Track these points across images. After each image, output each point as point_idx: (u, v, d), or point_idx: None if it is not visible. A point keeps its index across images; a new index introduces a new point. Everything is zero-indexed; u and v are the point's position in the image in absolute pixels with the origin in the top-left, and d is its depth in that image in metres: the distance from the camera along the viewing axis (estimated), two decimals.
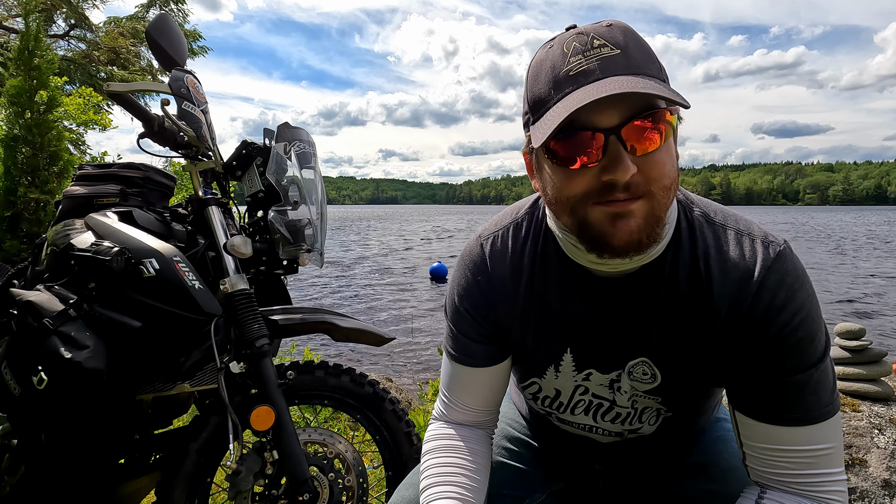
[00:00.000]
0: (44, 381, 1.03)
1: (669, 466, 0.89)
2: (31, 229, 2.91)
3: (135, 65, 10.11)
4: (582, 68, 0.59)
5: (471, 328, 0.82)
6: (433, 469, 0.81)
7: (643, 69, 0.59)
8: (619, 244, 0.62)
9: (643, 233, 0.62)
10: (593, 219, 0.63)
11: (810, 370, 0.63)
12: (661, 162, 0.61)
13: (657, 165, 0.60)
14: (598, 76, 0.58)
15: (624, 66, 0.59)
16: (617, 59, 0.59)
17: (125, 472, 1.32)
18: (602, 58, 0.59)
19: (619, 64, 0.59)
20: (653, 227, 0.63)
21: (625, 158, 0.58)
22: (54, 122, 3.06)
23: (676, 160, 0.65)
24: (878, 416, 1.66)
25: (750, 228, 0.70)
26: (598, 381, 0.80)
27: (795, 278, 0.65)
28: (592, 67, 0.59)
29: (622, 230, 0.61)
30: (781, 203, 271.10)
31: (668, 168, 0.62)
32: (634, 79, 0.57)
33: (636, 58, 0.60)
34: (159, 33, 1.30)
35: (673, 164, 0.63)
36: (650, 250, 0.66)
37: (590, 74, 0.58)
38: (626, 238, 0.62)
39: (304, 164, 1.36)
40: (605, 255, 0.65)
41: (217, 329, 1.17)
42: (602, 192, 0.61)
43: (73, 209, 1.34)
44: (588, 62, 0.59)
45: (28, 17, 3.15)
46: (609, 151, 0.59)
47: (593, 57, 0.59)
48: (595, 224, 0.63)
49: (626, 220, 0.61)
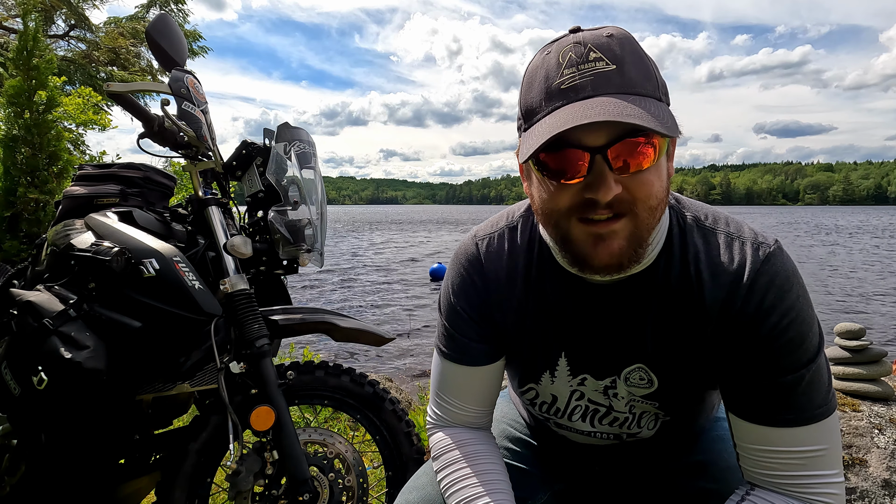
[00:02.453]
0: (44, 382, 1.03)
1: (669, 466, 0.89)
2: (31, 229, 2.90)
3: (135, 65, 10.10)
4: (574, 83, 0.59)
5: (466, 326, 0.82)
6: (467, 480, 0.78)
7: (637, 88, 0.59)
8: (600, 265, 0.64)
9: (624, 255, 0.63)
10: (575, 236, 0.64)
11: (801, 371, 0.63)
12: (648, 182, 0.61)
13: (643, 186, 0.60)
14: (588, 93, 0.58)
15: (617, 85, 0.58)
16: (610, 75, 0.58)
17: (125, 472, 1.32)
18: (595, 73, 0.58)
19: (611, 82, 0.58)
20: (635, 248, 0.63)
21: (608, 178, 0.59)
22: (53, 123, 3.05)
23: (668, 178, 0.64)
24: (878, 416, 1.66)
25: (740, 231, 0.70)
26: (593, 386, 0.80)
27: (785, 279, 0.65)
28: (584, 84, 0.58)
29: (603, 252, 0.62)
30: (781, 203, 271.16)
31: (656, 188, 0.61)
32: (623, 103, 0.57)
33: (631, 75, 0.59)
34: (159, 33, 1.30)
35: (661, 184, 0.62)
36: (631, 270, 0.67)
37: (580, 91, 0.58)
38: (605, 260, 0.63)
39: (304, 164, 1.36)
40: (586, 272, 0.66)
41: (217, 329, 1.17)
42: (584, 209, 0.61)
43: (73, 209, 1.34)
44: (581, 77, 0.59)
45: (26, 17, 3.15)
46: (594, 170, 0.59)
47: (587, 72, 0.59)
48: (577, 242, 0.64)
49: (607, 243, 0.62)
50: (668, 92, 0.63)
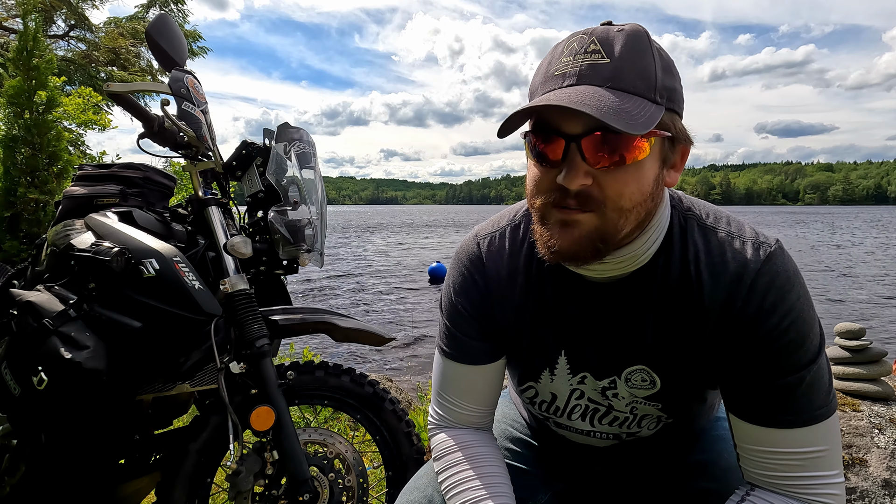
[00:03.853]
0: (44, 382, 1.03)
1: (670, 466, 0.89)
2: (31, 229, 2.90)
3: (135, 65, 10.10)
4: (565, 70, 0.60)
5: (467, 325, 0.82)
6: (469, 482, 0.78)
7: (624, 83, 0.58)
8: (562, 250, 0.64)
9: (583, 247, 0.63)
10: (549, 219, 0.65)
11: (802, 372, 0.63)
12: (622, 181, 0.60)
13: (615, 184, 0.60)
14: (572, 82, 0.59)
15: (604, 78, 0.58)
16: (600, 68, 0.58)
17: (125, 472, 1.31)
18: (587, 64, 0.59)
19: (599, 75, 0.58)
20: (595, 243, 0.63)
21: (578, 168, 0.59)
22: (53, 123, 3.05)
23: (655, 184, 0.63)
24: (878, 416, 1.66)
25: (741, 230, 0.69)
26: (592, 386, 0.80)
27: (786, 280, 0.65)
28: (573, 72, 0.59)
29: (564, 238, 0.63)
30: (781, 203, 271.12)
31: (630, 189, 0.61)
32: (600, 94, 0.56)
33: (624, 71, 0.58)
34: (159, 33, 1.30)
35: (640, 187, 0.61)
36: (589, 264, 0.67)
37: (566, 79, 0.59)
38: (566, 246, 0.63)
39: (303, 165, 1.36)
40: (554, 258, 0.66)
41: (217, 329, 1.17)
42: (556, 195, 0.62)
43: (73, 209, 1.34)
44: (574, 66, 0.59)
45: (26, 18, 3.15)
46: (567, 157, 0.60)
47: (581, 62, 0.59)
48: (547, 224, 0.65)
49: (569, 229, 0.63)
50: (673, 97, 0.61)
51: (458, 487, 0.77)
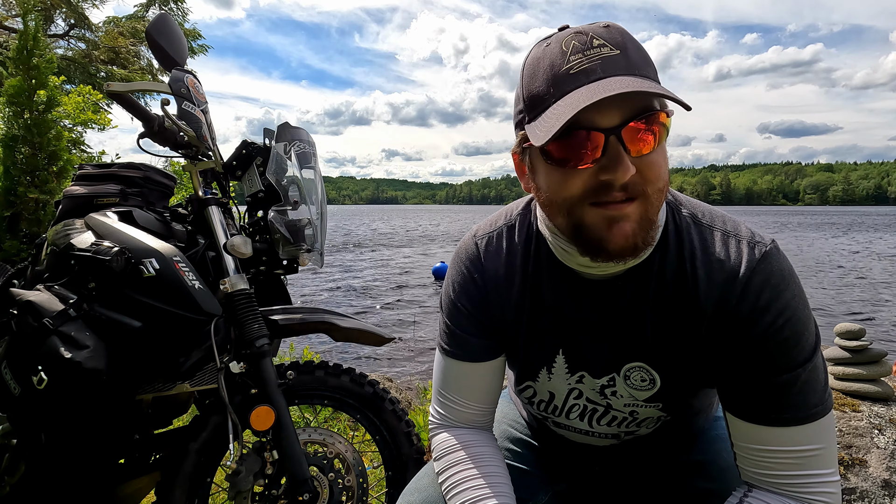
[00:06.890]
0: (44, 381, 1.03)
1: (669, 466, 0.89)
2: (31, 229, 2.90)
3: (135, 64, 10.08)
4: (583, 67, 0.59)
5: (467, 322, 0.82)
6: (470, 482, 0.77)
7: (642, 70, 0.60)
8: (615, 248, 0.63)
9: (638, 237, 0.63)
10: (589, 221, 0.63)
11: (797, 370, 0.63)
12: (658, 164, 0.61)
13: (654, 167, 0.61)
14: (600, 75, 0.58)
15: (624, 67, 0.59)
16: (617, 59, 0.59)
17: (125, 472, 1.32)
18: (602, 57, 0.59)
19: (619, 64, 0.59)
20: (647, 230, 0.63)
21: (625, 158, 0.59)
22: (53, 122, 3.05)
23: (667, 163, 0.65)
24: (878, 416, 1.66)
25: (737, 229, 0.70)
26: (590, 385, 0.80)
27: (781, 279, 0.65)
28: (594, 67, 0.59)
29: (618, 234, 0.62)
30: (781, 203, 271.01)
31: (663, 170, 0.62)
32: (637, 79, 0.57)
33: (635, 59, 0.60)
34: (159, 33, 1.30)
35: (666, 167, 0.63)
36: (644, 254, 0.66)
37: (591, 73, 0.58)
38: (621, 242, 0.62)
39: (304, 164, 1.36)
40: (600, 258, 0.65)
41: (217, 329, 1.17)
42: (598, 192, 0.61)
43: (73, 209, 1.34)
44: (589, 61, 0.59)
45: (26, 17, 3.14)
46: (609, 151, 0.59)
47: (594, 56, 0.59)
48: (591, 227, 0.63)
49: (621, 224, 0.62)
50: None
51: (459, 487, 0.78)
